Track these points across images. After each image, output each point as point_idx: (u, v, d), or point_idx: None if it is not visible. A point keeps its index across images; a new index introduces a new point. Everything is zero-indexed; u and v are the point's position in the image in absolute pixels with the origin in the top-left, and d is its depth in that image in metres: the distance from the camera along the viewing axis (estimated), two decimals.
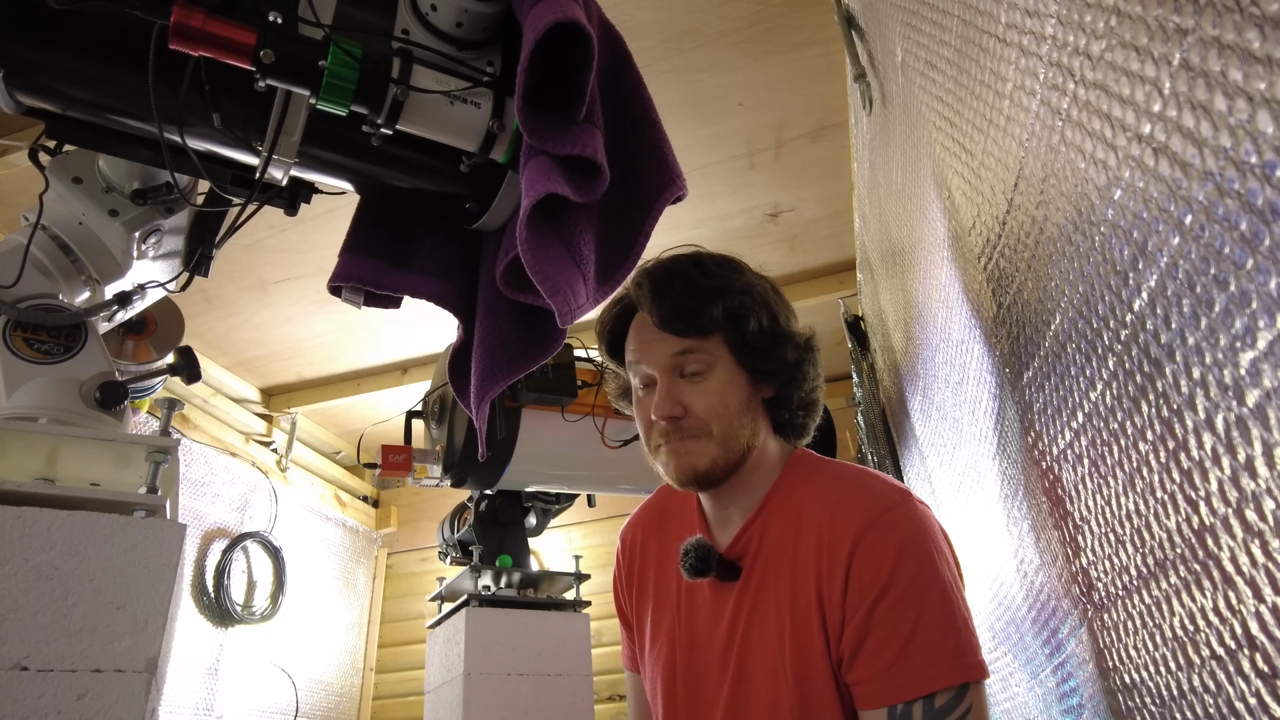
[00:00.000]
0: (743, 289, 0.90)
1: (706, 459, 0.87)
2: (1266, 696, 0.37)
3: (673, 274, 0.91)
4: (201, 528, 2.73)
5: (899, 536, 0.79)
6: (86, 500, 0.93)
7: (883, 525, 0.80)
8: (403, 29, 0.90)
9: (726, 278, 0.91)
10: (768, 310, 0.91)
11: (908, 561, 0.77)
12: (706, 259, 0.93)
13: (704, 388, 0.88)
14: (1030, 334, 0.63)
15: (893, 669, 0.74)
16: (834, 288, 2.64)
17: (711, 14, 1.73)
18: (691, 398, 0.88)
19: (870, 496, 0.84)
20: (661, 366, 0.90)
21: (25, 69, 0.86)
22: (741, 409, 0.89)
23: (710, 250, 0.96)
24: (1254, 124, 0.30)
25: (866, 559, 0.78)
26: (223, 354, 2.92)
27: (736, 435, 0.89)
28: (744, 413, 0.90)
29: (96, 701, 0.82)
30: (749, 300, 0.90)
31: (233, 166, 1.02)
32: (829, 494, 0.87)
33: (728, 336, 0.89)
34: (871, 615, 0.76)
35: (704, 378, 0.89)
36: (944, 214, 0.89)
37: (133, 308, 1.26)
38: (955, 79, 0.72)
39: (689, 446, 0.88)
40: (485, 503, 2.09)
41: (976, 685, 0.74)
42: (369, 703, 3.40)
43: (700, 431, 0.88)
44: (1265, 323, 0.31)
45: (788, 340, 0.92)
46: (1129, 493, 0.49)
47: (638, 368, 0.93)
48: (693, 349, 0.89)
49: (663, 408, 0.88)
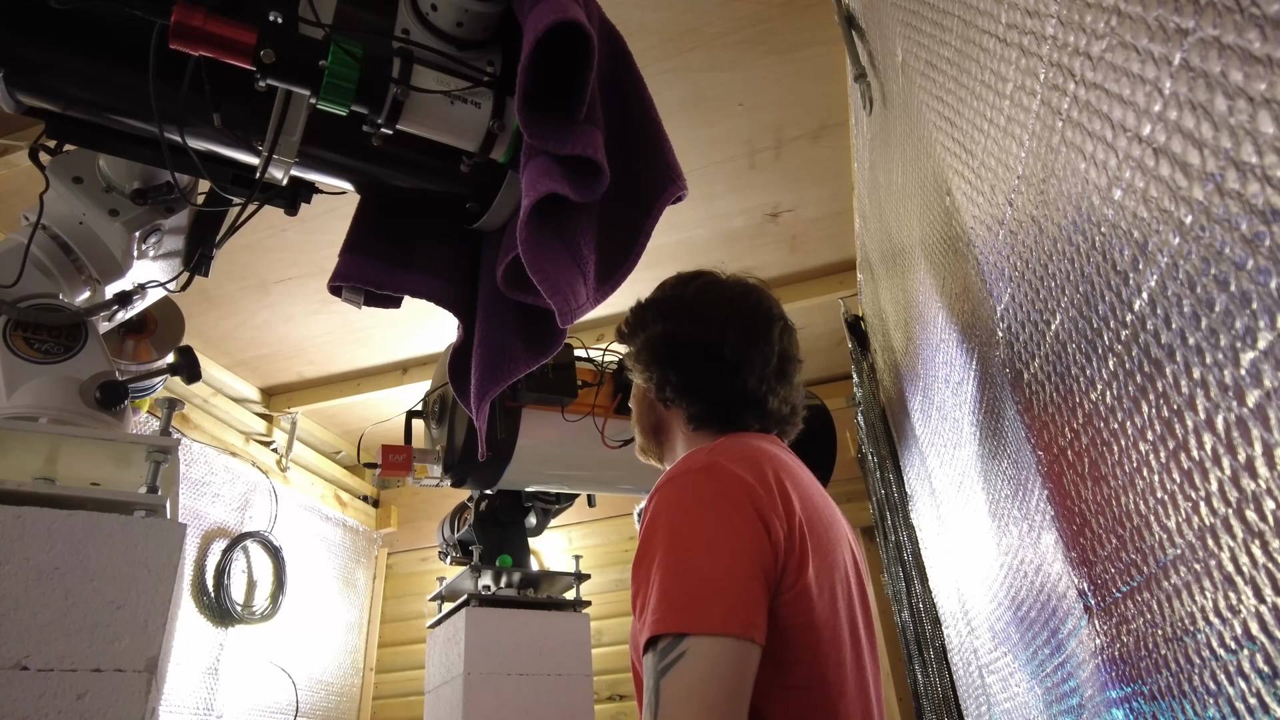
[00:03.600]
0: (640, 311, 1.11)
1: (643, 458, 1.17)
2: (1267, 696, 0.37)
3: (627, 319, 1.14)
4: (201, 527, 2.73)
5: (655, 504, 0.85)
6: (87, 500, 0.93)
7: (654, 498, 0.87)
8: (403, 29, 0.90)
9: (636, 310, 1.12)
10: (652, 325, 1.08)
11: (651, 526, 0.83)
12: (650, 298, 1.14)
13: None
14: (1030, 334, 0.63)
15: (638, 620, 0.80)
16: (834, 288, 2.64)
17: (711, 14, 1.73)
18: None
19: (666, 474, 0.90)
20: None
21: (26, 69, 0.86)
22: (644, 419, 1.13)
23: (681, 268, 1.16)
24: (1254, 124, 0.30)
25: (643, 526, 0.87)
26: (223, 354, 2.92)
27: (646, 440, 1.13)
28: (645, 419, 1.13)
29: (96, 701, 0.82)
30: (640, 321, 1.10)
31: (233, 166, 1.02)
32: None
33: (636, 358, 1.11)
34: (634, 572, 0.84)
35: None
36: (944, 214, 0.89)
37: (133, 307, 1.26)
38: (955, 79, 0.72)
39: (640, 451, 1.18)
40: (485, 503, 2.09)
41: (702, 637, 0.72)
42: (369, 702, 3.40)
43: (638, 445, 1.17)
44: (1265, 323, 0.31)
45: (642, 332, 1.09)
46: (1129, 493, 0.49)
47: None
48: (632, 371, 1.13)
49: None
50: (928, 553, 1.65)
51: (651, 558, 0.81)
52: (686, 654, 0.72)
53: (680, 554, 0.79)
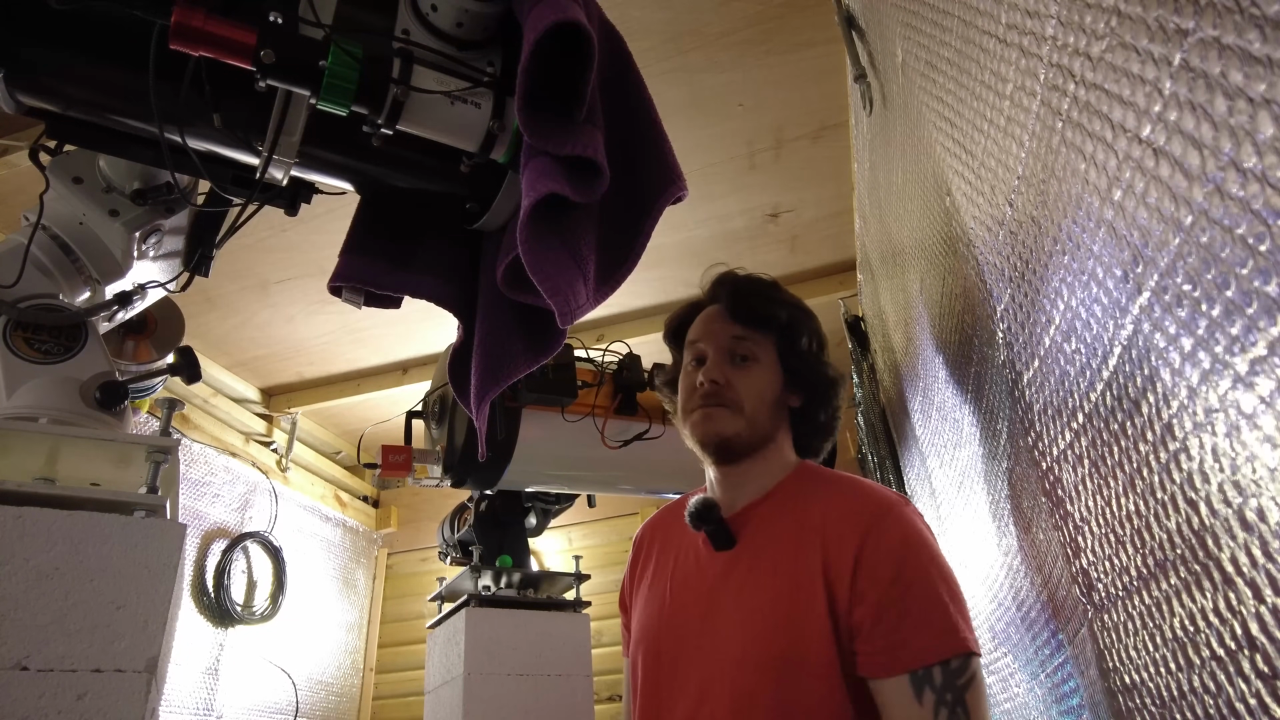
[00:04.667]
0: (804, 312, 1.10)
1: (732, 428, 1.00)
2: (1267, 697, 0.37)
3: (753, 281, 1.11)
4: (201, 528, 2.73)
5: (903, 530, 0.89)
6: (87, 500, 0.93)
7: (887, 521, 0.90)
8: (403, 29, 0.90)
9: (794, 301, 1.11)
10: (817, 337, 1.09)
11: (914, 551, 0.87)
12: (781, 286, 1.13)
13: (748, 372, 1.03)
14: (1030, 334, 0.63)
15: (910, 639, 0.82)
16: (834, 288, 2.63)
17: (712, 14, 1.72)
18: (735, 376, 1.03)
19: (875, 497, 0.95)
20: (718, 345, 1.05)
21: (26, 69, 0.86)
22: (772, 402, 1.04)
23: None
24: (1254, 125, 0.30)
25: (876, 548, 0.88)
26: (223, 354, 2.92)
27: (762, 421, 1.02)
28: (773, 406, 1.04)
29: (96, 701, 0.82)
30: (805, 320, 1.09)
31: (233, 166, 1.02)
32: (835, 493, 0.97)
33: (779, 342, 1.05)
34: (887, 594, 0.85)
35: (750, 366, 1.04)
36: (944, 214, 0.89)
37: (133, 308, 1.26)
38: (956, 79, 0.72)
39: (722, 414, 1.01)
40: (485, 503, 2.09)
41: (978, 657, 0.82)
42: (369, 703, 3.40)
43: (735, 404, 1.01)
44: (1265, 324, 0.31)
45: (826, 366, 1.08)
46: (1129, 493, 0.49)
47: (695, 346, 1.08)
48: (748, 338, 1.05)
49: (710, 373, 1.02)
50: None
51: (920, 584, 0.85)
52: (976, 674, 0.80)
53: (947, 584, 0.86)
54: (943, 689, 0.78)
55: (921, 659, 0.81)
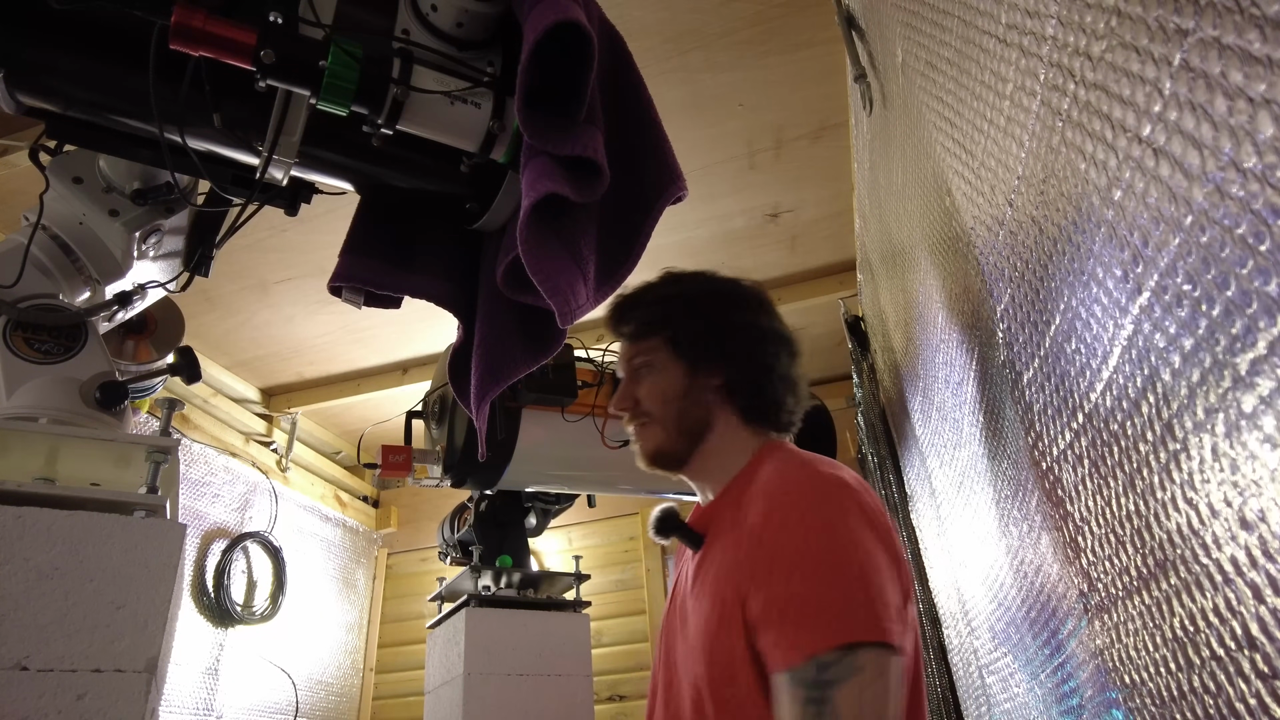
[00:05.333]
0: (664, 298, 1.05)
1: (654, 441, 1.01)
2: (1267, 697, 0.37)
3: (627, 295, 1.07)
4: (201, 528, 2.73)
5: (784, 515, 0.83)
6: (87, 500, 0.93)
7: (778, 505, 0.85)
8: (403, 29, 0.90)
9: (676, 285, 1.06)
10: (696, 310, 1.03)
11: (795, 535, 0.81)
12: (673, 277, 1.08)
13: (647, 381, 1.03)
14: (1030, 334, 0.63)
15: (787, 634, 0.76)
16: (834, 288, 2.64)
17: (711, 14, 1.72)
18: (639, 390, 1.03)
19: (781, 480, 0.88)
20: (624, 371, 1.06)
21: (26, 69, 0.86)
22: (681, 395, 1.00)
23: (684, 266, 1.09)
24: (1254, 125, 0.30)
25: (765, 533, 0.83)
26: (223, 354, 2.92)
27: (679, 418, 1.00)
28: (684, 399, 1.00)
29: (96, 701, 0.82)
30: (696, 298, 1.04)
31: (233, 166, 1.02)
32: (764, 480, 0.91)
33: (671, 334, 1.02)
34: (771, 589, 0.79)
35: (648, 373, 1.03)
36: (944, 214, 0.89)
37: (133, 308, 1.26)
38: (956, 79, 0.72)
39: (642, 431, 1.03)
40: (485, 503, 2.09)
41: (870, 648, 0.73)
42: (369, 703, 3.40)
43: (646, 418, 1.02)
44: (1265, 324, 0.31)
45: (724, 332, 1.02)
46: (1129, 493, 0.49)
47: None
48: (640, 350, 1.04)
49: (617, 401, 1.04)
50: (927, 553, 1.65)
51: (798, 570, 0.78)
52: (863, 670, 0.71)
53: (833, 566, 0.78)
54: (811, 686, 0.72)
55: (789, 658, 0.75)
